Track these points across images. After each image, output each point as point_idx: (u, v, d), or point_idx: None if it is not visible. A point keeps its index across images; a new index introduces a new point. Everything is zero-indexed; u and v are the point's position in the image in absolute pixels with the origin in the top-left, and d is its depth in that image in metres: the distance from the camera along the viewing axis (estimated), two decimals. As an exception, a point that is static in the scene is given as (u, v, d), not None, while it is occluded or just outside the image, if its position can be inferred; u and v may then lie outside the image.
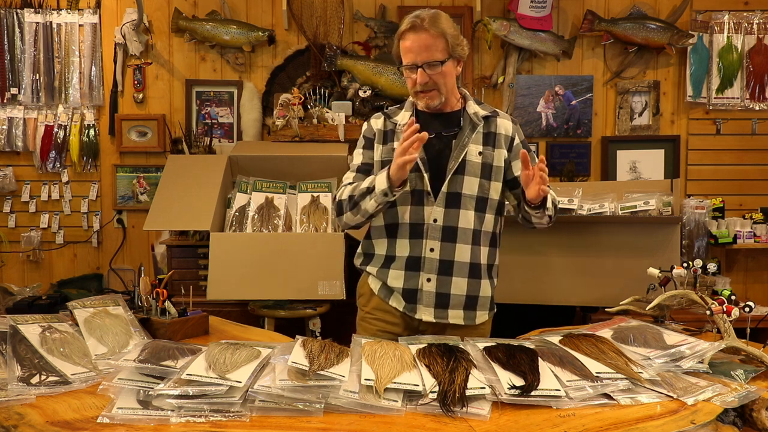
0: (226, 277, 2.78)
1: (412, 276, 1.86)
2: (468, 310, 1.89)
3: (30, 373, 1.45)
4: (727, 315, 1.61)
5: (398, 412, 1.28)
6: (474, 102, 1.94)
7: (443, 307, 1.86)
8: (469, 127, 1.88)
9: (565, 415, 1.27)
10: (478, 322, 1.92)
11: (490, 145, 1.88)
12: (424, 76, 1.80)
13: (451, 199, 1.83)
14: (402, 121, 1.90)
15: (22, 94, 3.66)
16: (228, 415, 1.25)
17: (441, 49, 1.80)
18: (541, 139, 3.78)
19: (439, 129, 1.89)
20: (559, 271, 2.90)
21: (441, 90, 1.84)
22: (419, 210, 1.85)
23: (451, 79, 1.86)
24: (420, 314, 1.86)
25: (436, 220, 1.83)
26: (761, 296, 3.69)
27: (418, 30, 1.79)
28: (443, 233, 1.83)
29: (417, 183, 1.84)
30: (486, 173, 1.86)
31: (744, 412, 1.33)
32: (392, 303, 1.91)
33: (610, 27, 3.66)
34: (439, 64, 1.80)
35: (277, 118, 3.43)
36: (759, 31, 3.72)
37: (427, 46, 1.79)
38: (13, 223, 3.74)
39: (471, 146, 1.85)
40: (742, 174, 3.78)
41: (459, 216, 1.84)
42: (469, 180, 1.84)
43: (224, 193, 3.12)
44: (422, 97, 1.86)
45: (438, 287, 1.85)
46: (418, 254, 1.85)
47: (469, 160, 1.84)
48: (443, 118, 1.91)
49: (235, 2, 3.74)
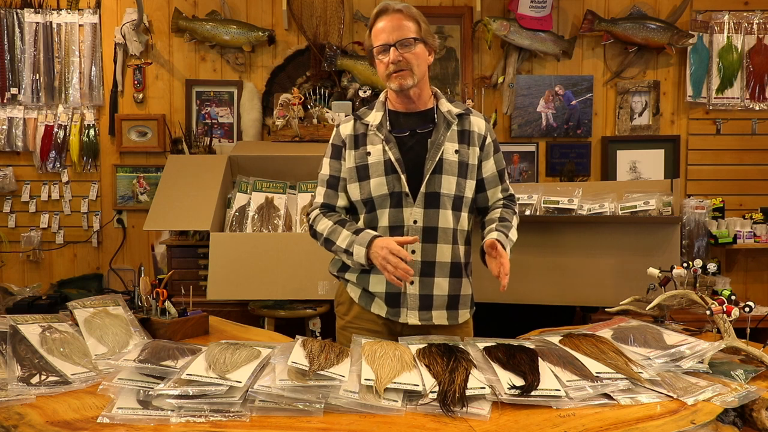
0: (226, 277, 2.78)
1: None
2: (451, 309, 1.87)
3: (30, 373, 1.45)
4: (727, 315, 1.61)
5: (398, 412, 1.28)
6: (446, 100, 1.92)
7: (427, 309, 1.84)
8: (444, 125, 1.85)
9: (565, 415, 1.27)
10: (461, 321, 1.90)
11: (465, 143, 1.86)
12: (397, 53, 1.79)
13: (430, 199, 1.81)
14: (373, 122, 1.87)
15: (22, 94, 3.66)
16: (228, 415, 1.25)
17: (413, 30, 1.81)
18: (541, 139, 3.78)
19: (411, 127, 1.86)
20: (559, 271, 2.90)
21: (414, 70, 1.81)
22: (398, 212, 1.82)
23: (423, 63, 1.84)
24: (405, 318, 1.83)
25: (416, 221, 1.80)
26: (761, 296, 3.69)
27: (390, 12, 1.81)
28: (424, 234, 1.81)
29: (394, 185, 1.81)
30: (462, 172, 1.84)
31: (744, 412, 1.33)
32: (374, 310, 1.87)
33: (610, 27, 3.66)
34: (412, 41, 1.79)
35: (277, 118, 3.43)
36: (759, 31, 3.72)
37: (399, 26, 1.79)
38: (13, 223, 3.74)
39: (447, 144, 1.83)
40: (742, 174, 3.78)
41: (439, 216, 1.81)
42: (446, 179, 1.82)
43: (224, 193, 3.12)
44: (395, 78, 1.81)
45: (421, 289, 1.82)
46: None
47: (446, 158, 1.82)
48: (416, 117, 1.88)
49: (235, 2, 3.74)
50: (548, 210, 2.94)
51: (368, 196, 1.84)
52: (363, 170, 1.85)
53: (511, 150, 3.77)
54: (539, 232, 2.93)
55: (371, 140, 1.86)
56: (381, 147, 1.83)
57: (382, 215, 1.83)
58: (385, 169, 1.82)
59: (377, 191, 1.82)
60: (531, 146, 3.78)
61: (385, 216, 1.83)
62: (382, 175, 1.82)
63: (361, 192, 1.86)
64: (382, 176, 1.82)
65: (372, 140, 1.86)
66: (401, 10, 1.81)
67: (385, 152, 1.82)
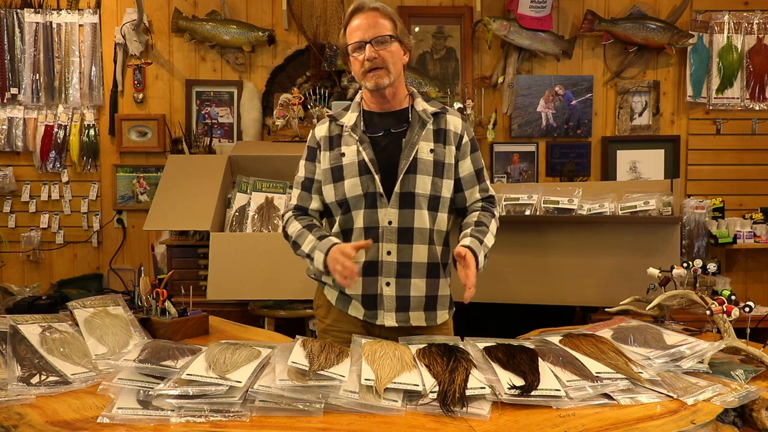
0: (226, 277, 2.78)
1: (370, 281, 1.81)
2: (429, 310, 1.85)
3: (30, 373, 1.45)
4: (727, 315, 1.61)
5: (398, 412, 1.28)
6: (422, 99, 1.90)
7: (404, 310, 1.82)
8: (419, 124, 1.83)
9: (565, 415, 1.27)
10: (440, 321, 1.88)
11: (440, 142, 1.84)
12: (372, 51, 1.77)
13: (405, 199, 1.79)
14: (348, 122, 1.86)
15: (22, 94, 3.66)
16: (228, 415, 1.25)
17: (389, 28, 1.79)
18: (541, 139, 3.78)
19: (386, 127, 1.85)
20: (559, 271, 2.90)
21: (389, 68, 1.79)
22: (373, 213, 1.79)
23: (398, 62, 1.82)
24: (382, 320, 1.82)
25: (391, 222, 1.78)
26: (761, 296, 3.69)
27: (365, 10, 1.79)
28: (399, 235, 1.79)
29: (369, 185, 1.79)
30: (438, 171, 1.82)
31: (744, 412, 1.33)
32: (351, 312, 1.86)
33: (610, 27, 3.66)
34: (388, 38, 1.78)
35: (277, 118, 3.43)
36: (759, 31, 3.72)
37: (375, 24, 1.78)
38: (13, 223, 3.74)
39: (421, 144, 1.81)
40: (742, 174, 3.78)
41: (414, 216, 1.79)
42: (421, 179, 1.79)
43: (224, 193, 3.12)
44: (371, 77, 1.79)
45: (397, 291, 1.80)
46: (375, 258, 1.79)
47: (420, 158, 1.80)
48: (391, 117, 1.86)
49: (235, 2, 3.74)
50: (548, 210, 2.93)
51: (343, 198, 1.82)
52: (337, 171, 1.83)
53: (511, 150, 3.77)
54: (539, 232, 2.93)
55: (346, 141, 1.85)
56: (355, 148, 1.81)
57: (357, 216, 1.81)
58: (359, 169, 1.80)
59: (351, 192, 1.81)
60: (531, 146, 3.78)
61: (360, 217, 1.81)
62: (357, 176, 1.80)
63: (336, 193, 1.84)
64: (356, 177, 1.80)
65: (347, 141, 1.84)
66: (377, 8, 1.79)
67: (359, 153, 1.80)
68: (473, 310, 2.01)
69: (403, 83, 1.89)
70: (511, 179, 3.75)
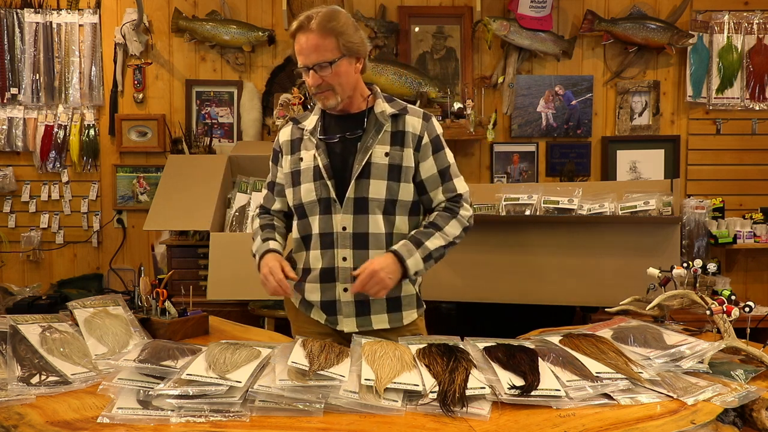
0: (226, 277, 2.78)
1: (328, 288, 1.81)
2: (393, 312, 1.83)
3: (30, 373, 1.45)
4: (727, 315, 1.61)
5: (398, 412, 1.28)
6: (383, 100, 1.85)
7: (365, 315, 1.81)
8: (375, 127, 1.80)
9: (565, 415, 1.27)
10: (407, 321, 1.85)
11: (398, 144, 1.79)
12: (316, 77, 1.74)
13: (358, 204, 1.76)
14: (308, 126, 1.85)
15: (22, 94, 3.66)
16: (228, 415, 1.25)
17: (331, 48, 1.72)
18: (541, 139, 3.78)
19: (343, 131, 1.82)
20: (559, 271, 2.90)
21: (336, 90, 1.76)
22: (327, 219, 1.78)
23: (347, 79, 1.77)
24: (341, 326, 1.81)
25: (345, 227, 1.77)
26: (761, 296, 3.69)
27: (305, 31, 1.72)
28: (354, 241, 1.77)
29: (322, 191, 1.79)
30: (394, 175, 1.78)
31: (744, 412, 1.33)
32: (314, 317, 1.87)
33: (610, 27, 3.66)
34: (329, 65, 1.72)
35: (277, 118, 3.43)
36: (759, 31, 3.72)
37: (315, 47, 1.71)
38: (13, 223, 3.74)
39: (376, 148, 1.78)
40: (742, 174, 3.78)
41: (368, 221, 1.77)
42: (375, 183, 1.77)
43: (224, 193, 3.12)
44: (319, 97, 1.79)
45: (356, 296, 1.78)
46: (331, 264, 1.79)
47: (374, 162, 1.77)
48: (348, 120, 1.84)
49: (235, 2, 3.74)
50: (548, 210, 2.93)
51: (299, 202, 1.83)
52: (296, 176, 1.84)
53: (511, 150, 3.77)
54: (539, 232, 2.93)
55: (305, 145, 1.84)
56: (312, 153, 1.81)
57: (314, 222, 1.81)
58: (314, 175, 1.80)
59: (307, 197, 1.81)
60: (531, 146, 3.78)
61: (316, 223, 1.80)
62: (311, 181, 1.80)
63: (294, 198, 1.85)
64: (311, 182, 1.80)
65: (306, 145, 1.84)
66: (317, 29, 1.71)
67: (315, 158, 1.80)
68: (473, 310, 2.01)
69: (361, 88, 1.85)
70: (511, 179, 3.75)
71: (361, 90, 1.84)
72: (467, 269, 2.87)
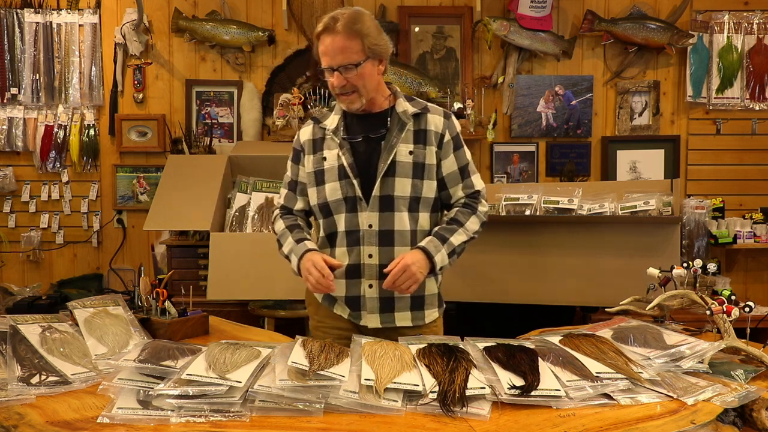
0: (226, 277, 2.78)
1: (353, 284, 1.83)
2: (416, 310, 1.86)
3: (30, 373, 1.45)
4: (727, 315, 1.61)
5: (398, 412, 1.28)
6: (404, 99, 1.88)
7: (389, 311, 1.83)
8: (398, 126, 1.83)
9: (565, 415, 1.27)
10: (428, 320, 1.88)
11: (421, 143, 1.83)
12: (341, 79, 1.76)
13: (384, 202, 1.79)
14: (330, 126, 1.87)
15: (22, 94, 3.66)
16: (228, 415, 1.25)
17: (357, 50, 1.74)
18: (541, 139, 3.78)
19: (366, 131, 1.85)
20: (559, 271, 2.90)
21: (360, 92, 1.79)
22: (353, 217, 1.81)
23: (371, 80, 1.80)
24: (365, 321, 1.84)
25: (371, 225, 1.80)
26: (761, 296, 3.69)
27: (331, 32, 1.73)
28: (380, 238, 1.80)
29: (348, 190, 1.81)
30: (418, 173, 1.82)
31: (744, 412, 1.33)
32: (337, 311, 1.89)
33: (610, 27, 3.66)
34: (354, 66, 1.74)
35: (277, 118, 3.43)
36: (759, 31, 3.72)
37: (341, 49, 1.73)
38: (13, 223, 3.74)
39: (400, 146, 1.81)
40: (742, 174, 3.78)
41: (394, 219, 1.80)
42: (400, 181, 1.80)
43: (224, 193, 3.12)
44: (343, 99, 1.82)
45: (381, 292, 1.81)
46: (357, 261, 1.81)
47: (399, 160, 1.80)
48: (371, 120, 1.86)
49: (235, 2, 3.74)
50: (548, 210, 2.93)
51: (324, 201, 1.85)
52: (320, 175, 1.86)
53: (511, 150, 3.77)
54: (539, 232, 2.93)
55: (328, 145, 1.86)
56: (336, 152, 1.83)
57: (339, 220, 1.83)
58: (339, 174, 1.82)
59: (332, 196, 1.83)
60: (531, 146, 3.78)
61: (342, 221, 1.83)
62: (337, 180, 1.82)
63: (318, 197, 1.86)
64: (336, 181, 1.82)
65: (329, 145, 1.86)
66: (343, 30, 1.72)
67: (339, 157, 1.82)
68: (473, 310, 2.01)
69: (382, 89, 1.87)
70: (511, 179, 3.75)
71: (382, 90, 1.87)
72: (467, 269, 2.87)
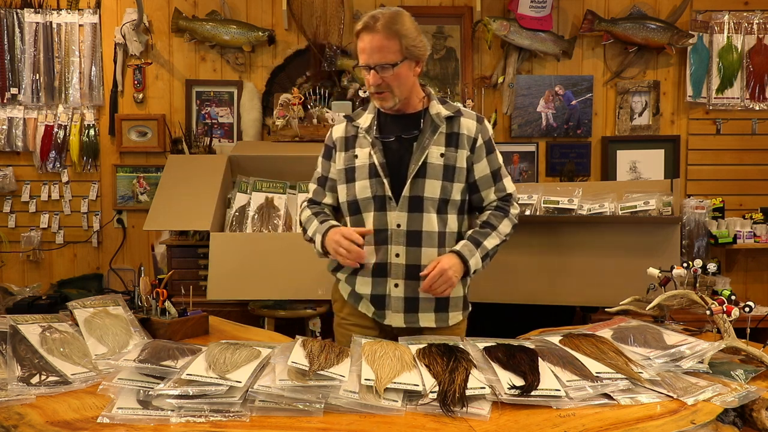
0: (226, 277, 2.78)
1: (379, 282, 1.84)
2: (440, 312, 1.86)
3: (30, 373, 1.45)
4: (727, 315, 1.61)
5: (398, 412, 1.28)
6: (437, 102, 1.90)
7: (413, 312, 1.84)
8: (431, 128, 1.85)
9: (565, 415, 1.27)
10: (452, 323, 1.89)
11: (452, 146, 1.85)
12: (377, 77, 1.78)
13: (414, 203, 1.81)
14: (363, 124, 1.89)
15: (22, 94, 3.66)
16: (228, 415, 1.25)
17: (394, 51, 1.76)
18: (541, 139, 3.78)
19: (399, 131, 1.87)
20: (559, 271, 2.90)
21: (394, 92, 1.81)
22: (382, 215, 1.83)
23: (406, 81, 1.83)
24: (389, 320, 1.85)
25: (399, 225, 1.81)
26: (761, 296, 3.69)
27: (371, 31, 1.76)
28: (408, 238, 1.81)
29: (377, 188, 1.83)
30: (448, 175, 1.84)
31: (744, 412, 1.33)
32: (362, 309, 1.90)
33: (610, 27, 3.66)
34: (391, 66, 1.77)
35: (277, 118, 3.43)
36: (759, 31, 3.72)
37: (379, 48, 1.76)
38: (13, 223, 3.74)
39: (432, 148, 1.82)
40: (742, 174, 3.78)
41: (422, 220, 1.81)
42: (430, 183, 1.81)
43: (224, 193, 3.11)
44: (376, 98, 1.84)
45: (406, 292, 1.82)
46: (384, 260, 1.83)
47: (430, 162, 1.82)
48: (404, 120, 1.88)
49: (235, 2, 3.74)
50: (548, 210, 2.93)
51: (353, 198, 1.87)
52: (350, 172, 1.88)
53: (511, 150, 3.77)
54: (539, 232, 2.93)
55: (360, 143, 1.88)
56: (368, 150, 1.85)
57: (367, 218, 1.85)
58: (370, 172, 1.84)
59: (362, 194, 1.85)
60: (531, 146, 3.78)
61: (370, 219, 1.84)
62: (367, 179, 1.84)
63: (348, 194, 1.88)
64: (366, 179, 1.84)
65: (361, 143, 1.88)
66: (383, 30, 1.75)
67: (371, 156, 1.84)
68: (473, 310, 2.01)
69: (417, 90, 1.90)
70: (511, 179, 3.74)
71: (416, 91, 1.90)
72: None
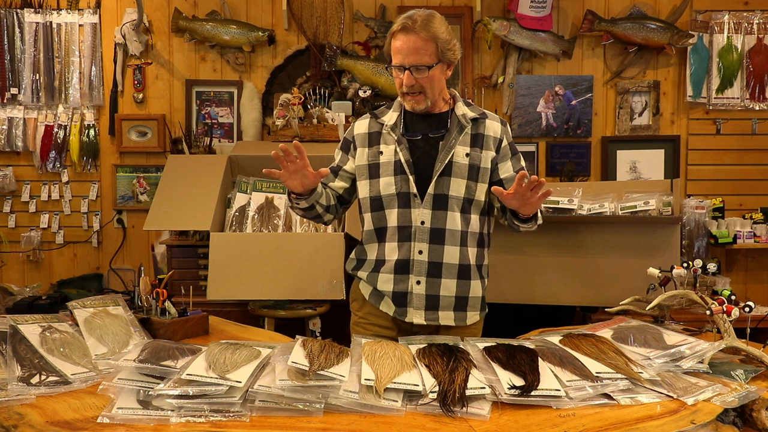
0: (226, 277, 2.78)
1: (401, 279, 1.86)
2: (459, 311, 1.89)
3: (30, 373, 1.45)
4: (727, 315, 1.61)
5: (398, 412, 1.28)
6: (463, 103, 1.93)
7: (433, 309, 1.86)
8: (457, 128, 1.88)
9: (565, 415, 1.27)
10: (470, 322, 1.92)
11: (478, 146, 1.88)
12: (411, 78, 1.81)
13: (438, 201, 1.83)
14: (389, 122, 1.91)
15: (22, 94, 3.66)
16: (228, 415, 1.25)
17: (430, 53, 1.79)
18: (541, 139, 3.78)
19: (426, 130, 1.89)
20: (559, 271, 2.90)
21: (427, 93, 1.84)
22: (406, 212, 1.85)
23: (438, 83, 1.85)
24: (410, 317, 1.86)
25: (423, 222, 1.83)
26: (761, 296, 3.69)
27: (408, 32, 1.78)
28: (431, 235, 1.83)
29: (402, 185, 1.85)
30: (473, 175, 1.86)
31: (744, 412, 1.33)
32: (383, 308, 1.91)
33: (610, 27, 3.66)
34: (426, 69, 1.79)
35: (277, 118, 3.43)
36: (759, 31, 3.72)
37: (416, 49, 1.78)
38: (13, 223, 3.74)
39: (458, 148, 1.85)
40: (742, 174, 3.77)
41: (446, 218, 1.84)
42: (455, 182, 1.84)
43: (224, 193, 3.11)
44: (408, 99, 1.86)
45: (428, 289, 1.85)
46: (407, 257, 1.85)
47: (456, 161, 1.84)
48: (431, 120, 1.91)
49: (235, 2, 3.73)
50: (548, 210, 2.93)
51: (377, 194, 1.88)
52: (374, 168, 1.89)
53: (511, 150, 3.77)
54: (539, 232, 2.90)
55: (385, 140, 1.90)
56: (393, 147, 1.87)
57: (391, 215, 1.87)
58: (395, 169, 1.86)
59: (386, 190, 1.87)
60: (531, 146, 3.78)
61: (394, 215, 1.86)
62: (392, 175, 1.86)
63: (371, 189, 1.90)
64: (391, 176, 1.86)
65: (386, 140, 1.90)
66: (419, 33, 1.77)
67: (397, 153, 1.86)
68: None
69: (444, 93, 1.92)
70: (511, 179, 3.74)
71: (444, 93, 1.92)
72: (467, 269, 2.86)
